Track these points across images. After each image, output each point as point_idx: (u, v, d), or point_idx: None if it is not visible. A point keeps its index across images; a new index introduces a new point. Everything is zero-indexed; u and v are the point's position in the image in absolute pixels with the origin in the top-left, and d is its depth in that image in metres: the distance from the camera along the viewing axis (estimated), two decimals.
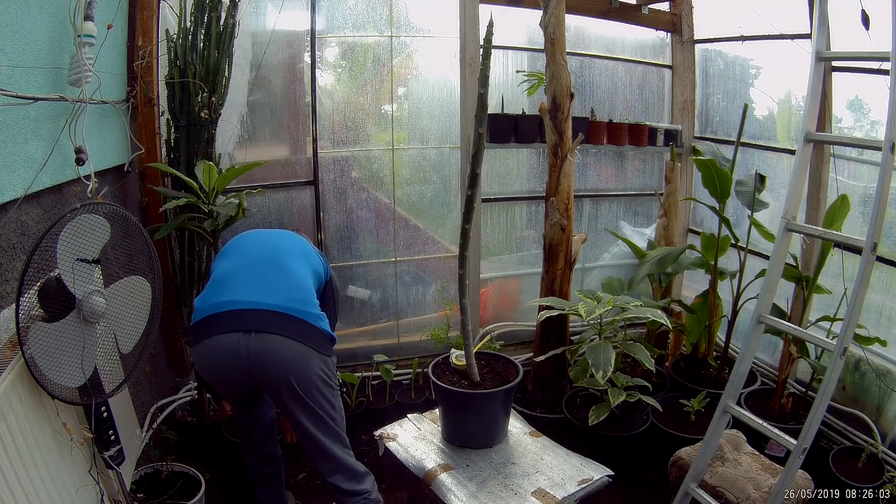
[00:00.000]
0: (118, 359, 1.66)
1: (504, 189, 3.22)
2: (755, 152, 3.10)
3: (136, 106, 2.32)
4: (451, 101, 2.97)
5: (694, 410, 2.49)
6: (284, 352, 1.64)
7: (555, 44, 2.52)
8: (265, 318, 1.66)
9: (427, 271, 3.17)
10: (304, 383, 1.67)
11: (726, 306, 2.89)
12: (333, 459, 1.76)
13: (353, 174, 2.96)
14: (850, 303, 1.62)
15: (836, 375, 1.63)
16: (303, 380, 1.67)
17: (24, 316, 1.29)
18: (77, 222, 1.36)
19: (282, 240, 1.97)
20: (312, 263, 1.92)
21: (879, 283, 2.43)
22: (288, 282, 1.77)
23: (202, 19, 2.25)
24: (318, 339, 1.71)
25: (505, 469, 1.92)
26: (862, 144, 2.43)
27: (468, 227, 1.94)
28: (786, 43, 2.76)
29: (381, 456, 2.14)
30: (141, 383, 2.33)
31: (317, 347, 1.70)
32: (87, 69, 1.69)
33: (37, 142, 1.57)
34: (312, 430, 1.71)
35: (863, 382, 2.48)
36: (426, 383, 2.83)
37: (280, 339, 1.64)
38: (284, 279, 1.78)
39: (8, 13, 1.43)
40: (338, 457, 1.76)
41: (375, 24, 2.82)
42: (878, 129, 2.51)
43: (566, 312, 2.42)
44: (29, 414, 1.34)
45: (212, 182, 2.10)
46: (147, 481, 2.08)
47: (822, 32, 1.77)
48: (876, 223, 1.57)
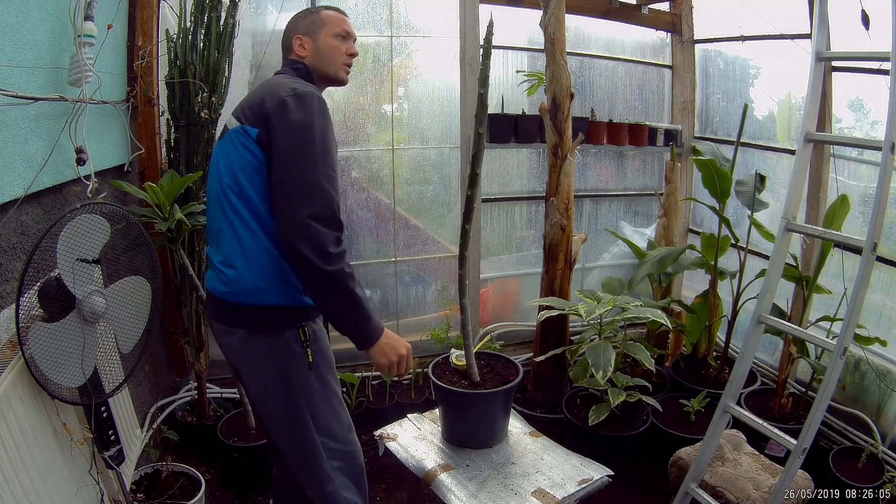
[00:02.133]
0: (118, 359, 1.66)
1: (504, 189, 3.22)
2: (755, 152, 3.10)
3: (136, 106, 2.32)
4: (451, 101, 2.97)
5: (694, 410, 2.49)
6: None
7: (555, 44, 2.52)
8: None
9: (427, 271, 3.17)
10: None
11: (726, 306, 2.89)
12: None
13: (353, 174, 2.96)
14: (850, 303, 1.62)
15: (836, 375, 1.63)
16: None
17: (24, 316, 1.29)
18: (77, 222, 1.36)
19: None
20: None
21: (879, 283, 2.43)
22: None
23: (202, 19, 2.25)
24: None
25: (505, 469, 1.92)
26: (862, 144, 2.43)
27: (468, 227, 1.94)
28: (786, 43, 2.76)
29: (381, 456, 2.14)
30: (141, 383, 2.33)
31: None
32: (87, 69, 1.69)
33: (37, 142, 1.57)
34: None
35: (863, 382, 2.48)
36: (426, 383, 2.83)
37: None
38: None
39: (8, 13, 1.43)
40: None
41: (375, 24, 2.82)
42: (878, 129, 2.51)
43: (566, 312, 2.42)
44: (29, 414, 1.34)
45: (160, 198, 2.03)
46: (147, 481, 2.08)
47: (822, 32, 1.77)
48: (876, 223, 1.57)
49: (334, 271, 1.30)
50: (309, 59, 1.52)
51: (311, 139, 1.31)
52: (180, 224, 2.05)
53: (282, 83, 1.40)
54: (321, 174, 1.31)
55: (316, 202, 1.29)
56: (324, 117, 1.36)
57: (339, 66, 1.55)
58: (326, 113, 1.38)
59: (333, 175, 1.35)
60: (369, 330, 1.39)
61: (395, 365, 1.43)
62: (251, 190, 1.37)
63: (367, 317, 1.38)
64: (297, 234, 1.28)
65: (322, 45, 1.52)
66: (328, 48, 1.52)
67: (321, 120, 1.35)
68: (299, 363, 1.43)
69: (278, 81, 1.42)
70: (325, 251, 1.28)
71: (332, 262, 1.29)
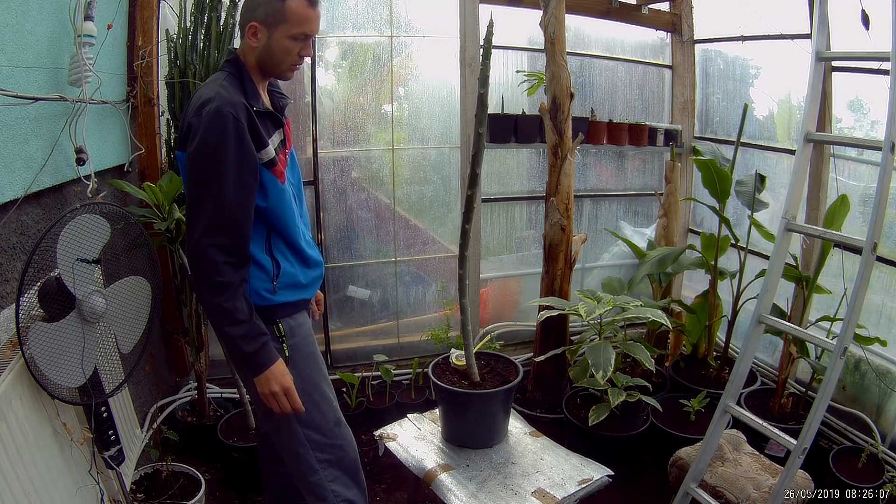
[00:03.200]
0: (118, 359, 1.66)
1: (504, 189, 3.22)
2: (755, 152, 3.10)
3: (136, 106, 2.32)
4: (451, 101, 2.97)
5: (694, 410, 2.49)
6: None
7: (555, 44, 2.52)
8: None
9: (427, 271, 3.17)
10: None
11: (726, 306, 2.89)
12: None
13: (353, 174, 2.96)
14: (850, 303, 1.62)
15: (836, 375, 1.63)
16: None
17: (24, 316, 1.29)
18: (77, 222, 1.36)
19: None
20: None
21: (879, 283, 2.43)
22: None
23: (202, 19, 2.25)
24: None
25: (505, 469, 1.92)
26: (862, 144, 2.43)
27: (468, 227, 1.94)
28: (786, 43, 2.76)
29: (381, 456, 2.14)
30: (141, 383, 2.33)
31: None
32: (87, 69, 1.69)
33: (37, 142, 1.57)
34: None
35: (863, 382, 2.48)
36: (426, 383, 2.83)
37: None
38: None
39: (8, 13, 1.43)
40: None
41: (375, 24, 2.82)
42: (878, 129, 2.51)
43: (566, 312, 2.42)
44: (29, 414, 1.34)
45: (159, 198, 2.05)
46: (147, 481, 2.08)
47: (822, 32, 1.77)
48: (876, 223, 1.57)
49: (214, 305, 1.32)
50: (258, 51, 1.42)
51: (211, 162, 1.30)
52: (179, 224, 2.05)
53: (199, 95, 1.37)
54: (211, 193, 1.30)
55: (205, 223, 1.30)
56: (224, 137, 1.30)
57: (286, 67, 1.46)
58: (229, 131, 1.31)
59: (236, 190, 1.31)
60: (252, 361, 1.38)
61: (264, 396, 1.41)
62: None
63: (245, 354, 1.37)
64: (191, 258, 1.32)
65: (275, 43, 1.40)
66: (280, 49, 1.41)
67: (219, 135, 1.30)
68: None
69: (199, 93, 1.39)
70: (210, 280, 1.30)
71: (214, 292, 1.31)
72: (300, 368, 1.51)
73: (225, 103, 1.31)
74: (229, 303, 1.32)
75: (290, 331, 1.51)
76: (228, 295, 1.32)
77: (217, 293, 1.31)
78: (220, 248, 1.30)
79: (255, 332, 1.36)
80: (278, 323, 1.48)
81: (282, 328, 1.48)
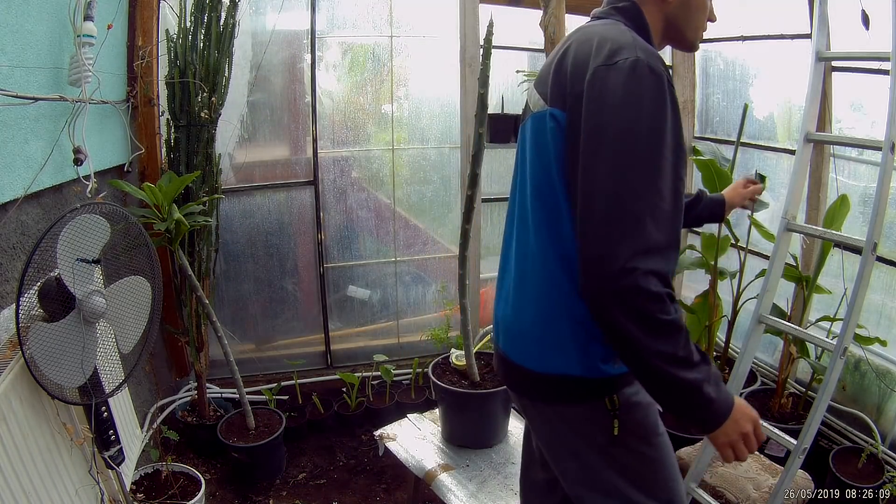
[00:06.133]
0: (118, 359, 1.66)
1: (504, 189, 3.22)
2: (755, 152, 3.10)
3: (136, 106, 2.32)
4: (451, 101, 2.97)
5: None
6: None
7: (555, 44, 2.52)
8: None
9: (427, 271, 3.17)
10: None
11: (726, 306, 2.88)
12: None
13: (353, 174, 2.96)
14: (850, 303, 1.62)
15: (836, 375, 1.63)
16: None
17: (24, 316, 1.29)
18: (77, 222, 1.36)
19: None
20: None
21: (879, 283, 2.42)
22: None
23: (202, 19, 2.25)
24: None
25: (505, 469, 1.92)
26: (862, 144, 2.43)
27: (468, 227, 1.94)
28: (786, 43, 2.76)
29: (381, 456, 2.15)
30: (141, 383, 2.33)
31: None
32: (87, 69, 1.69)
33: (37, 142, 1.57)
34: None
35: (863, 382, 2.48)
36: (426, 383, 2.83)
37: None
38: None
39: (8, 13, 1.43)
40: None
41: (375, 24, 2.82)
42: (878, 129, 2.51)
43: None
44: (29, 414, 1.34)
45: (158, 199, 2.04)
46: (147, 481, 2.08)
47: (822, 32, 1.77)
48: (876, 223, 1.57)
49: (662, 352, 0.88)
50: (672, 7, 1.05)
51: (635, 137, 0.88)
52: (179, 224, 2.05)
53: (600, 38, 0.96)
54: (649, 193, 0.88)
55: (641, 239, 0.87)
56: (660, 101, 0.90)
57: (699, 31, 1.10)
58: (665, 93, 0.90)
59: (673, 193, 0.91)
60: (710, 415, 0.94)
61: (730, 446, 0.97)
62: (565, 200, 0.99)
63: (708, 401, 0.92)
64: (610, 289, 0.87)
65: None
66: (699, 5, 1.06)
67: (655, 105, 0.89)
68: (599, 436, 1.07)
69: (593, 34, 0.98)
70: (651, 319, 0.87)
71: (661, 335, 0.88)
72: (633, 447, 1.10)
73: (654, 58, 0.92)
74: (686, 347, 0.90)
75: (627, 403, 1.07)
76: (681, 336, 0.90)
77: (666, 337, 0.89)
78: (657, 275, 0.87)
79: (714, 370, 0.95)
80: (613, 397, 1.05)
81: (615, 401, 1.05)
